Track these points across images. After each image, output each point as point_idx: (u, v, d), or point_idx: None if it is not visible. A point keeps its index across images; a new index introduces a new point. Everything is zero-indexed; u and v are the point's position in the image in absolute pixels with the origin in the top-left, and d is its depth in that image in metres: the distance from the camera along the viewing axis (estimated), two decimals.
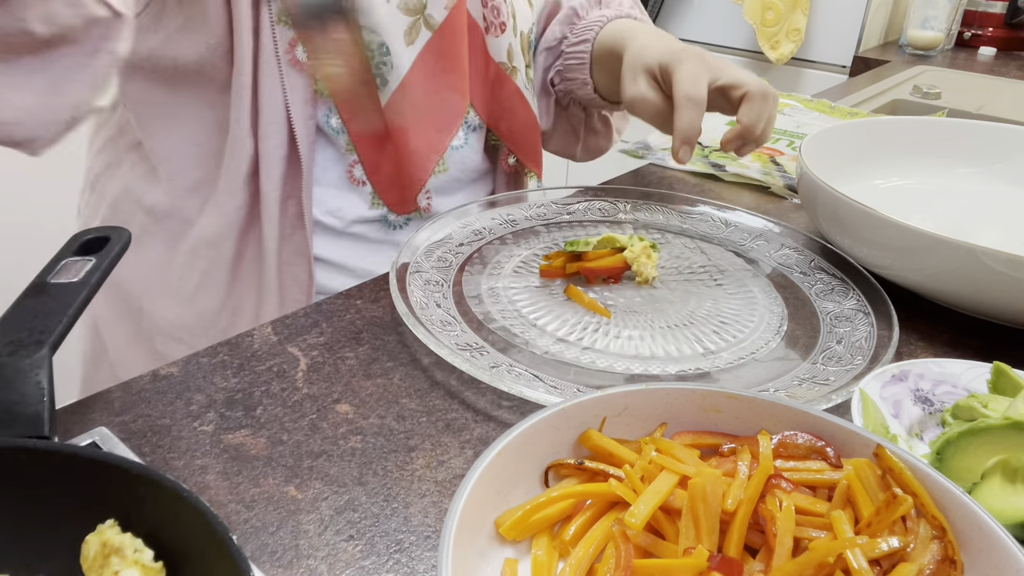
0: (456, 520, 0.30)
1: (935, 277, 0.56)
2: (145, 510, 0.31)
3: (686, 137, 0.64)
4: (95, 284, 0.42)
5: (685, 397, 0.38)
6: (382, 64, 0.66)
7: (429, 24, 0.67)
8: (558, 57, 0.81)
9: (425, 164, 0.71)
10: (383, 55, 0.66)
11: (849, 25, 1.70)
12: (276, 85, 0.63)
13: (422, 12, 0.67)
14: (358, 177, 0.70)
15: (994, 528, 0.31)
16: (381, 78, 0.66)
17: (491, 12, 0.72)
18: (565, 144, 0.89)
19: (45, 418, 0.35)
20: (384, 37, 0.65)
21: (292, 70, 0.64)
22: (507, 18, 0.73)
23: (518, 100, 0.77)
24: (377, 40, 0.65)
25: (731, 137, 0.66)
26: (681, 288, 0.62)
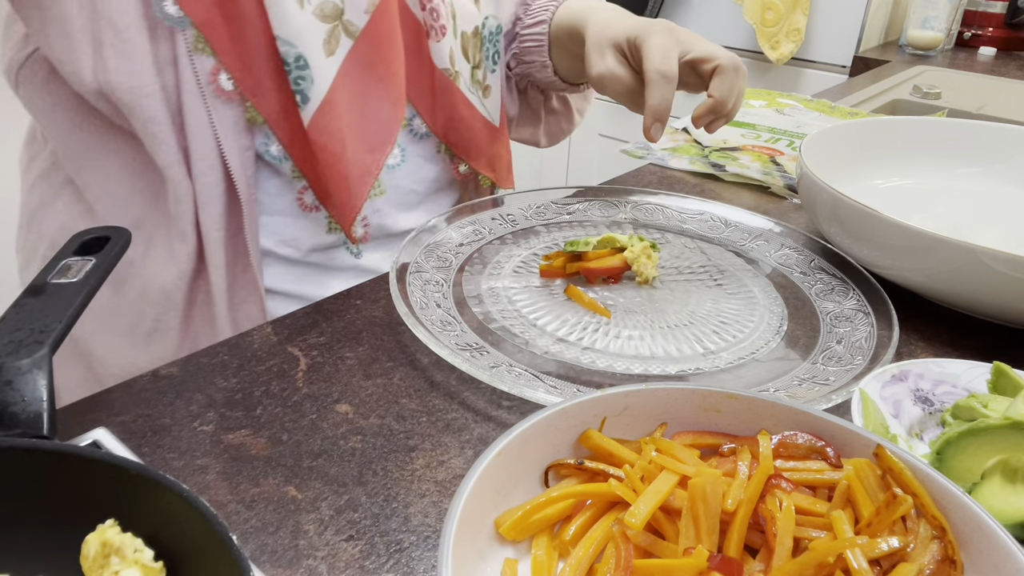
0: (456, 520, 0.30)
1: (935, 277, 0.56)
2: (145, 510, 0.31)
3: (658, 114, 0.62)
4: (95, 284, 0.42)
5: (685, 397, 0.38)
6: (300, 79, 0.60)
7: (348, 31, 0.62)
8: (514, 39, 0.78)
9: (358, 188, 0.65)
10: (301, 68, 0.60)
11: (849, 25, 1.70)
12: (203, 118, 0.59)
13: (340, 18, 0.61)
14: (309, 203, 0.66)
15: (994, 528, 0.31)
16: (301, 95, 0.60)
17: (430, 15, 0.66)
18: (527, 130, 0.87)
19: (45, 418, 0.35)
20: (300, 48, 0.59)
21: (218, 100, 0.59)
22: (447, 20, 0.68)
23: (464, 107, 0.72)
24: (294, 52, 0.59)
25: (703, 112, 0.65)
26: (681, 288, 0.62)
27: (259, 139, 0.62)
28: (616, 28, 0.67)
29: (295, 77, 0.59)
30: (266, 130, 0.62)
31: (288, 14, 0.58)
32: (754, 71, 1.86)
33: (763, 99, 1.15)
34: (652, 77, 0.62)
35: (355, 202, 0.65)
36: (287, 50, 0.59)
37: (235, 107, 0.60)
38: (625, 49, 0.66)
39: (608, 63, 0.66)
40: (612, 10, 0.71)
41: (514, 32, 0.79)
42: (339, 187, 0.64)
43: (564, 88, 0.81)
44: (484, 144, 0.76)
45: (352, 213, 0.65)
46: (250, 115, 0.60)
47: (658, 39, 0.63)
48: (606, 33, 0.67)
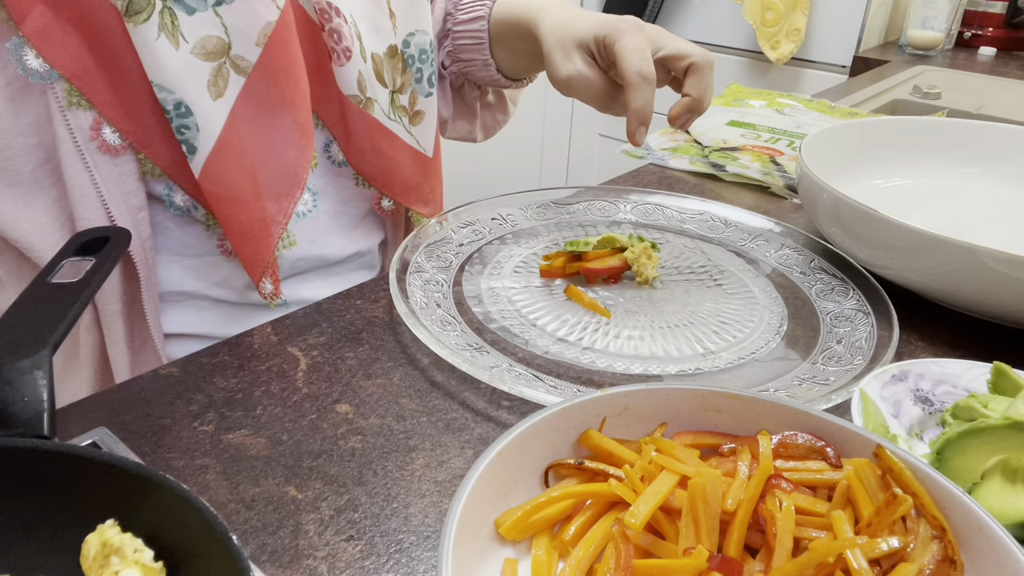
0: (456, 520, 0.30)
1: (935, 277, 0.56)
2: (145, 510, 0.31)
3: (642, 117, 0.60)
4: (95, 284, 0.42)
5: (685, 397, 0.38)
6: (184, 128, 0.53)
7: (239, 67, 0.54)
8: (446, 37, 0.74)
9: (264, 242, 0.59)
10: (183, 116, 0.53)
11: (849, 25, 1.70)
12: (84, 179, 0.53)
13: (227, 54, 0.53)
14: (231, 249, 0.60)
15: (994, 528, 0.31)
16: (187, 144, 0.54)
17: (331, 37, 0.59)
18: (463, 127, 0.83)
19: (45, 418, 0.35)
20: (180, 93, 0.52)
21: (103, 157, 0.53)
22: (351, 42, 0.60)
23: (382, 136, 0.65)
24: (173, 98, 0.52)
25: (681, 111, 0.63)
26: (681, 288, 0.62)
27: (161, 191, 0.57)
28: (581, 27, 0.63)
29: (178, 126, 0.53)
30: (167, 181, 0.57)
31: (161, 56, 0.51)
32: (754, 71, 1.86)
33: (763, 99, 1.15)
34: (633, 80, 0.59)
35: (263, 256, 0.59)
36: (165, 96, 0.52)
37: (125, 162, 0.54)
38: (593, 49, 0.63)
39: (576, 65, 0.63)
40: (563, 5, 0.67)
41: (446, 29, 0.74)
42: (243, 240, 0.58)
43: (506, 84, 0.77)
44: (411, 177, 0.69)
45: (260, 267, 0.59)
46: (146, 167, 0.55)
47: (631, 40, 0.60)
48: (569, 33, 0.63)
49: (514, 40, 0.71)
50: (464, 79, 0.79)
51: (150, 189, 0.58)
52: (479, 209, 0.69)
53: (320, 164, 0.65)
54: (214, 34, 0.53)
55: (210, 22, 0.52)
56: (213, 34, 0.53)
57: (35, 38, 0.49)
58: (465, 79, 0.79)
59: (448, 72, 0.77)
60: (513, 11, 0.70)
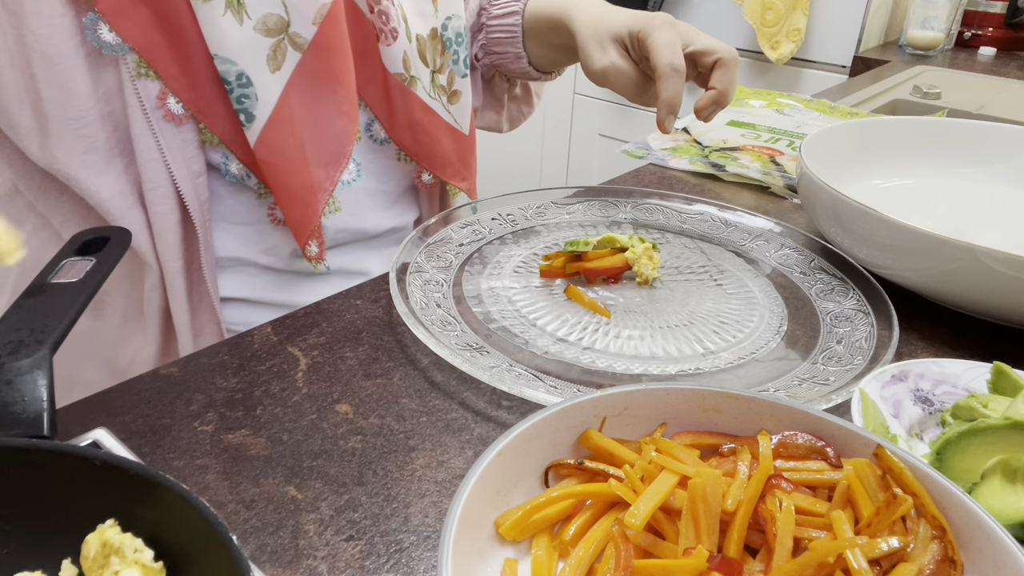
0: (456, 520, 0.30)
1: (935, 277, 0.56)
2: (145, 510, 0.31)
3: (671, 106, 0.64)
4: (95, 284, 0.42)
5: (685, 397, 0.38)
6: (244, 97, 0.57)
7: (296, 44, 0.59)
8: (480, 31, 0.78)
9: (312, 206, 0.63)
10: (243, 86, 0.57)
11: (849, 25, 1.70)
12: (151, 145, 0.57)
13: (285, 31, 0.58)
14: (281, 218, 0.65)
15: (994, 528, 0.31)
16: (245, 114, 0.58)
17: (379, 18, 0.64)
18: (491, 117, 0.87)
19: (45, 418, 0.35)
20: (242, 65, 0.57)
21: (168, 125, 0.57)
22: (398, 23, 0.65)
23: (422, 112, 0.69)
24: (235, 70, 0.57)
25: (707, 103, 0.66)
26: (681, 288, 0.62)
27: (218, 159, 0.61)
28: (615, 21, 0.67)
29: (238, 96, 0.57)
30: (224, 150, 0.60)
31: (225, 31, 0.55)
32: (754, 71, 1.86)
33: (763, 99, 1.15)
34: (665, 71, 0.63)
35: (310, 220, 0.63)
36: (227, 68, 0.56)
37: (187, 131, 0.58)
38: (627, 42, 0.67)
39: (611, 56, 0.67)
40: (597, 2, 0.71)
41: (480, 23, 0.78)
42: (292, 205, 0.62)
43: (536, 77, 0.80)
44: (449, 152, 0.73)
45: (307, 231, 0.63)
46: (205, 136, 0.59)
47: (664, 34, 0.64)
48: (604, 26, 0.67)
49: (547, 35, 0.74)
50: (495, 71, 0.82)
51: (208, 158, 0.61)
52: (479, 209, 0.69)
53: (363, 143, 0.69)
54: (275, 12, 0.57)
55: (272, 1, 0.57)
56: (274, 12, 0.57)
57: (109, 13, 0.53)
58: (496, 71, 0.82)
59: (480, 64, 0.80)
60: (547, 7, 0.74)
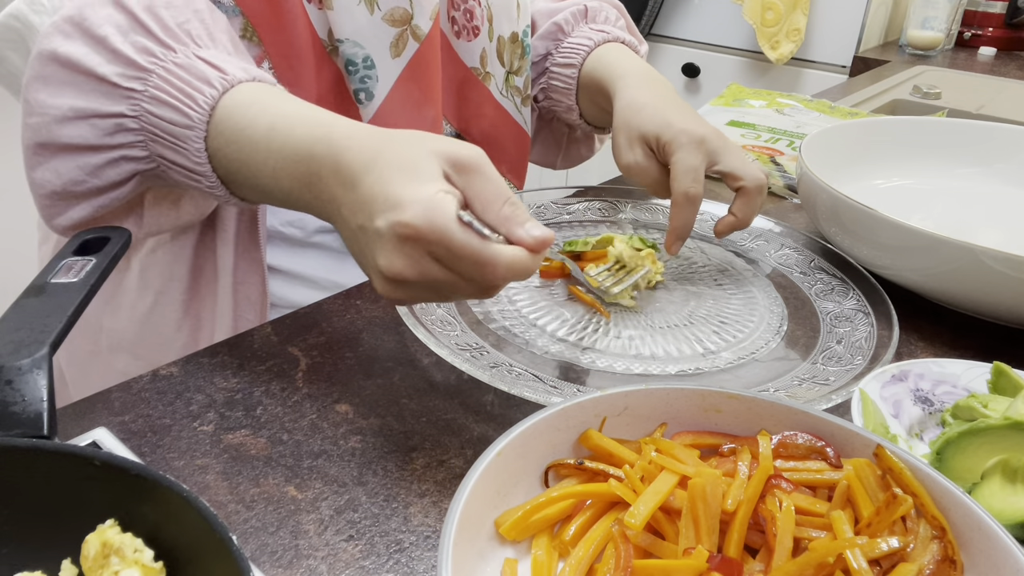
0: (456, 520, 0.30)
1: (935, 277, 0.56)
2: (145, 510, 0.31)
3: (681, 234, 0.63)
4: (95, 284, 0.42)
5: (685, 397, 0.38)
6: (367, 78, 0.63)
7: (416, 35, 0.64)
8: (542, 74, 0.79)
9: None
10: (368, 68, 0.63)
11: (849, 25, 1.70)
12: None
13: (409, 23, 0.64)
14: None
15: (994, 528, 0.31)
16: (366, 92, 0.63)
17: (463, 16, 0.69)
18: (546, 154, 0.89)
19: (45, 418, 0.35)
20: (369, 50, 0.62)
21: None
22: (481, 22, 0.70)
23: (490, 106, 0.73)
24: (361, 53, 0.62)
25: (725, 229, 0.64)
26: (681, 288, 0.62)
27: None
28: (646, 121, 0.65)
29: (362, 76, 0.63)
30: None
31: (357, 19, 0.61)
32: (754, 71, 1.86)
33: (763, 99, 1.15)
34: (678, 200, 0.61)
35: None
36: (356, 51, 0.62)
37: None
38: (653, 145, 0.65)
39: (636, 156, 0.66)
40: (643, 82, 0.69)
41: (544, 67, 0.79)
42: None
43: (588, 130, 0.81)
44: (510, 147, 0.76)
45: None
46: None
47: (687, 155, 0.62)
48: (636, 122, 0.66)
49: (596, 95, 0.75)
50: (554, 115, 0.83)
51: None
52: None
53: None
54: (402, 6, 0.63)
55: None
56: (401, 6, 0.63)
57: None
58: (554, 115, 0.83)
59: (539, 106, 0.82)
60: (600, 69, 0.75)
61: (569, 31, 0.78)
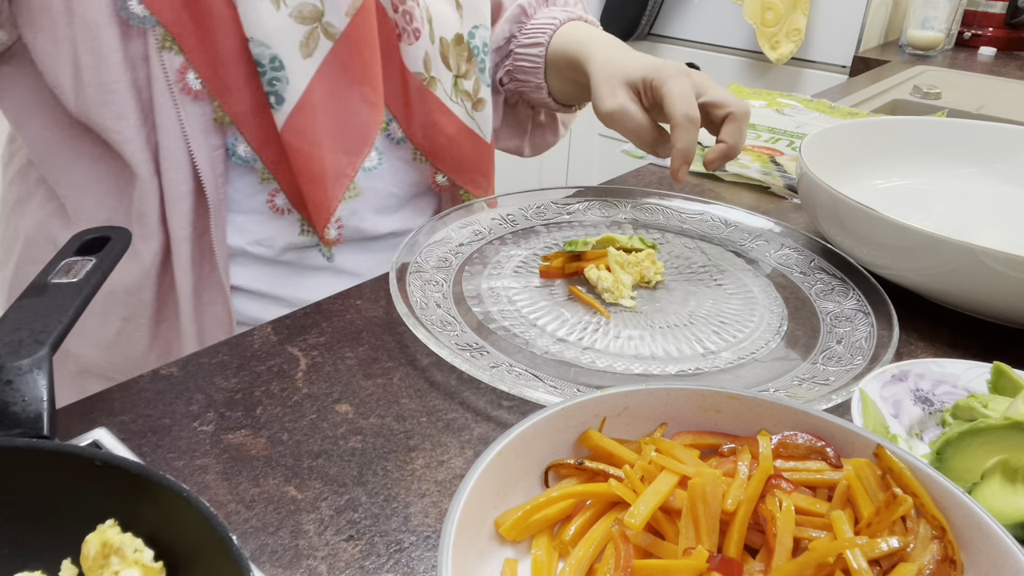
0: (456, 520, 0.30)
1: (935, 277, 0.56)
2: (145, 510, 0.31)
3: (686, 156, 0.64)
4: (95, 284, 0.42)
5: (685, 397, 0.38)
6: (275, 80, 0.60)
7: (328, 33, 0.61)
8: (507, 57, 0.79)
9: (332, 190, 0.64)
10: (276, 69, 0.59)
11: (849, 25, 1.70)
12: (172, 115, 0.59)
13: (319, 20, 0.60)
14: (281, 206, 0.65)
15: (994, 528, 0.31)
16: (276, 96, 0.60)
17: (403, 18, 0.65)
18: (511, 140, 0.88)
19: (45, 418, 0.35)
20: (276, 49, 0.59)
21: (186, 98, 0.59)
22: (421, 24, 0.66)
23: (441, 114, 0.70)
24: (268, 53, 0.59)
25: (717, 156, 0.66)
26: (681, 288, 0.62)
27: (228, 139, 0.62)
28: (630, 67, 0.67)
29: (270, 78, 0.59)
30: (234, 131, 0.62)
31: (262, 15, 0.58)
32: (754, 71, 1.86)
33: (763, 99, 1.15)
34: (680, 122, 0.63)
35: (330, 204, 0.64)
36: (261, 51, 0.58)
37: (203, 106, 0.60)
38: (640, 88, 0.67)
39: (621, 100, 0.67)
40: (615, 45, 0.71)
41: (508, 49, 0.79)
42: (314, 188, 0.63)
43: (556, 108, 0.81)
44: (467, 157, 0.74)
45: (326, 215, 0.65)
46: (217, 115, 0.60)
47: (679, 84, 0.64)
48: (618, 70, 0.67)
49: (566, 70, 0.75)
50: (519, 98, 0.83)
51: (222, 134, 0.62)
52: (479, 209, 0.69)
53: (381, 140, 0.70)
54: (310, 2, 0.60)
55: None
56: (310, 2, 0.60)
57: None
58: (520, 98, 0.83)
59: (504, 89, 0.82)
60: (568, 44, 0.75)
61: (532, 14, 0.78)
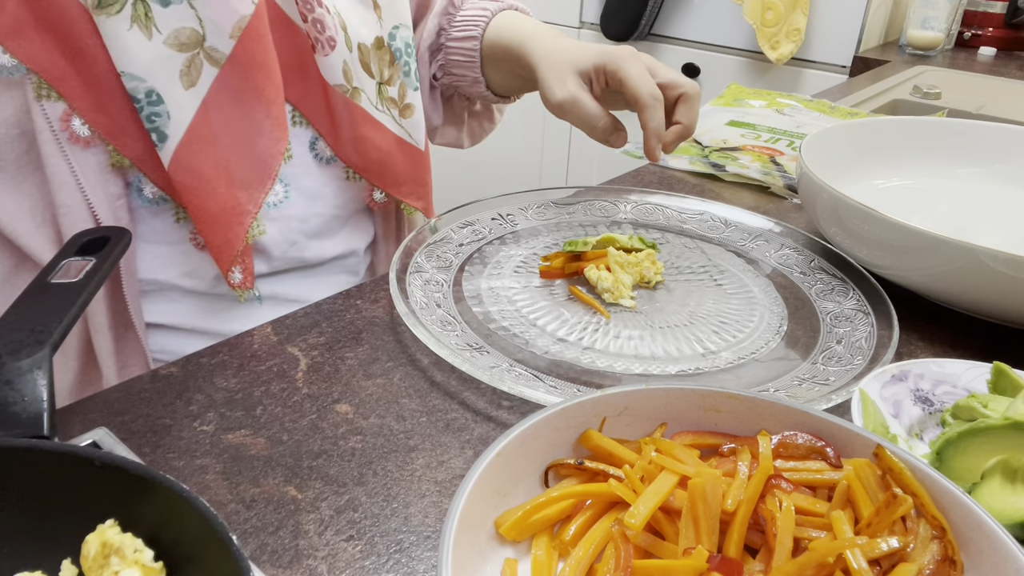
0: (456, 520, 0.30)
1: (935, 277, 0.56)
2: (145, 510, 0.31)
3: (658, 134, 0.64)
4: (95, 284, 0.42)
5: (685, 397, 0.38)
6: (155, 116, 0.54)
7: (212, 58, 0.55)
8: (439, 51, 0.77)
9: (233, 230, 0.59)
10: (154, 104, 0.54)
11: (849, 25, 1.70)
12: (63, 167, 0.54)
13: (200, 45, 0.55)
14: (203, 242, 0.60)
15: (994, 528, 0.31)
16: (157, 133, 0.55)
17: (314, 27, 0.60)
18: (451, 133, 0.86)
19: (45, 418, 0.35)
20: (151, 82, 0.54)
21: (75, 147, 0.54)
22: (335, 32, 0.61)
23: (369, 126, 0.66)
24: (144, 87, 0.53)
25: (675, 138, 0.66)
26: (681, 288, 0.62)
27: (131, 180, 0.58)
28: (577, 56, 0.66)
29: (148, 114, 0.54)
30: (136, 172, 0.58)
31: (132, 47, 0.53)
32: (754, 71, 1.86)
33: (763, 99, 1.15)
34: (648, 102, 0.63)
35: (232, 245, 0.59)
36: (136, 85, 0.54)
37: (96, 152, 0.55)
38: (592, 76, 0.66)
39: (571, 88, 0.66)
40: (556, 35, 0.71)
41: (439, 43, 0.77)
42: (212, 229, 0.58)
43: (495, 100, 0.80)
44: (402, 169, 0.70)
45: (229, 257, 0.60)
46: (114, 159, 0.56)
47: (635, 66, 0.64)
48: (566, 60, 0.67)
49: (504, 61, 0.74)
50: (454, 91, 0.81)
51: (124, 178, 0.58)
52: (479, 209, 0.69)
53: (306, 162, 0.65)
54: (188, 26, 0.54)
55: (185, 14, 0.54)
56: (187, 26, 0.54)
57: (2, 36, 0.51)
58: (455, 91, 0.81)
59: (439, 83, 0.80)
60: (505, 36, 0.73)
61: (460, 4, 0.76)
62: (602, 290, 0.59)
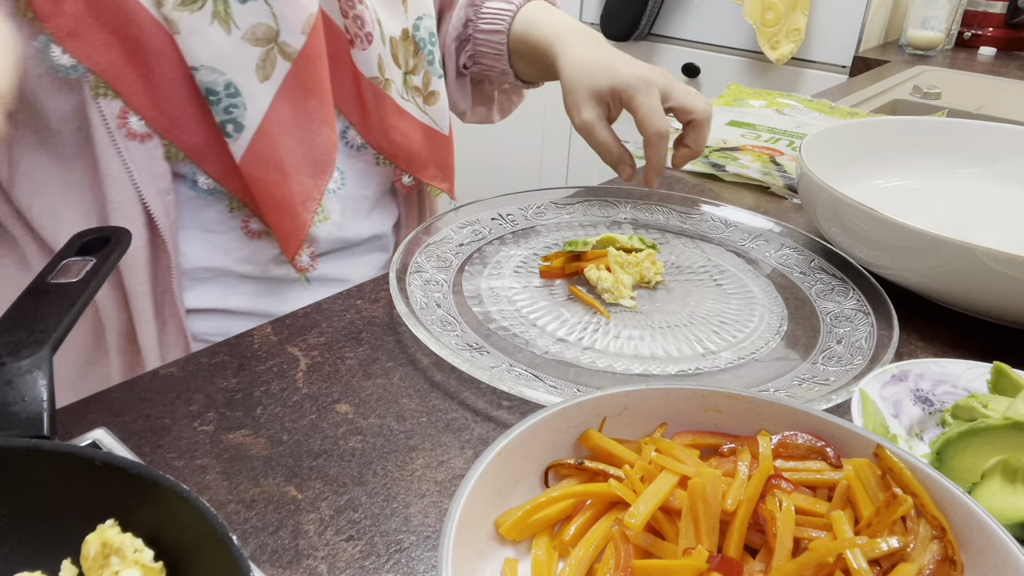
0: (456, 520, 0.30)
1: (935, 277, 0.56)
2: (145, 510, 0.31)
3: (659, 169, 0.69)
4: (95, 284, 0.42)
5: (685, 397, 0.38)
6: (232, 107, 0.56)
7: (285, 53, 0.58)
8: (467, 42, 0.78)
9: (302, 217, 0.62)
10: (231, 96, 0.56)
11: (849, 25, 1.70)
12: (116, 163, 0.55)
13: (275, 40, 0.57)
14: (256, 230, 0.64)
15: (994, 528, 0.31)
16: (234, 123, 0.57)
17: (354, 23, 0.63)
18: (481, 112, 0.88)
19: (45, 418, 0.35)
20: (230, 75, 0.55)
21: (131, 143, 0.55)
22: (372, 27, 0.64)
23: (396, 115, 0.69)
24: (222, 80, 0.55)
25: (682, 160, 0.70)
26: (681, 288, 0.62)
27: (186, 171, 0.60)
28: (598, 77, 0.68)
29: (225, 106, 0.56)
30: (190, 163, 0.59)
31: (212, 41, 0.54)
32: (754, 71, 1.86)
33: (763, 99, 1.15)
34: (652, 140, 0.66)
35: (300, 231, 0.62)
36: (214, 78, 0.55)
37: (152, 147, 0.57)
38: (608, 100, 0.68)
39: (586, 116, 0.68)
40: (583, 41, 0.71)
41: (467, 34, 0.78)
42: (281, 217, 0.61)
43: (524, 86, 0.82)
44: (427, 153, 0.73)
45: (297, 242, 0.63)
46: (170, 152, 0.58)
47: (647, 98, 0.66)
48: (587, 81, 0.68)
49: (530, 55, 0.75)
50: (484, 77, 0.83)
51: (176, 169, 0.60)
52: (479, 209, 0.69)
53: (340, 150, 0.68)
54: (264, 22, 0.56)
55: (260, 11, 0.56)
56: (263, 22, 0.56)
57: (61, 36, 0.52)
58: (485, 77, 0.83)
59: (469, 72, 0.81)
60: (533, 34, 0.74)
61: None
62: (602, 290, 0.59)
